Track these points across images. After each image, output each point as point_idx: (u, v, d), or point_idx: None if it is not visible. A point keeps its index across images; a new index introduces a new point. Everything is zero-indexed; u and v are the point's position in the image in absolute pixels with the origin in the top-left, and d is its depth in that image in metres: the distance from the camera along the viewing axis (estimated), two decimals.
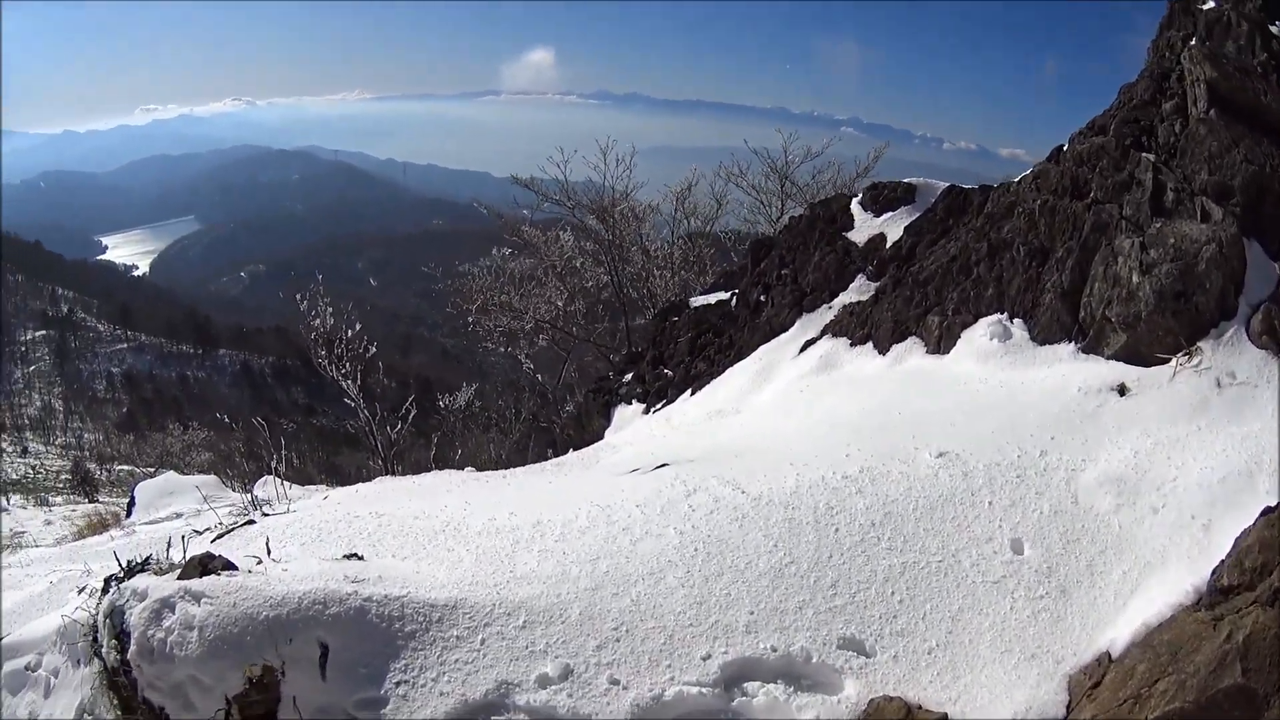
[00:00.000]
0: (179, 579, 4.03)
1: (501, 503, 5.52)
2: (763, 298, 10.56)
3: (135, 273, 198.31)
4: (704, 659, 3.67)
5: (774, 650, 3.72)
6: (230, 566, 4.16)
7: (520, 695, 3.45)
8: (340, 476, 17.59)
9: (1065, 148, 7.27)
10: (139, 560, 4.60)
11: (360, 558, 4.41)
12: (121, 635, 4.00)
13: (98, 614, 4.25)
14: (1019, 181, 7.50)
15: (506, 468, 9.24)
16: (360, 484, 8.59)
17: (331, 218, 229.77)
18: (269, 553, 4.48)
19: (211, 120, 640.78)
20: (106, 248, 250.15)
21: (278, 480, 9.38)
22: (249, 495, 9.82)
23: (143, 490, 14.50)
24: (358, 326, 13.34)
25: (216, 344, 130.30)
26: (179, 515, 9.97)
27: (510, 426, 18.46)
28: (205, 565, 4.12)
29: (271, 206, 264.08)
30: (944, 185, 9.51)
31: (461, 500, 5.78)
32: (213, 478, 15.03)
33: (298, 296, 13.08)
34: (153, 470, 36.75)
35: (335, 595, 3.73)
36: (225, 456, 24.80)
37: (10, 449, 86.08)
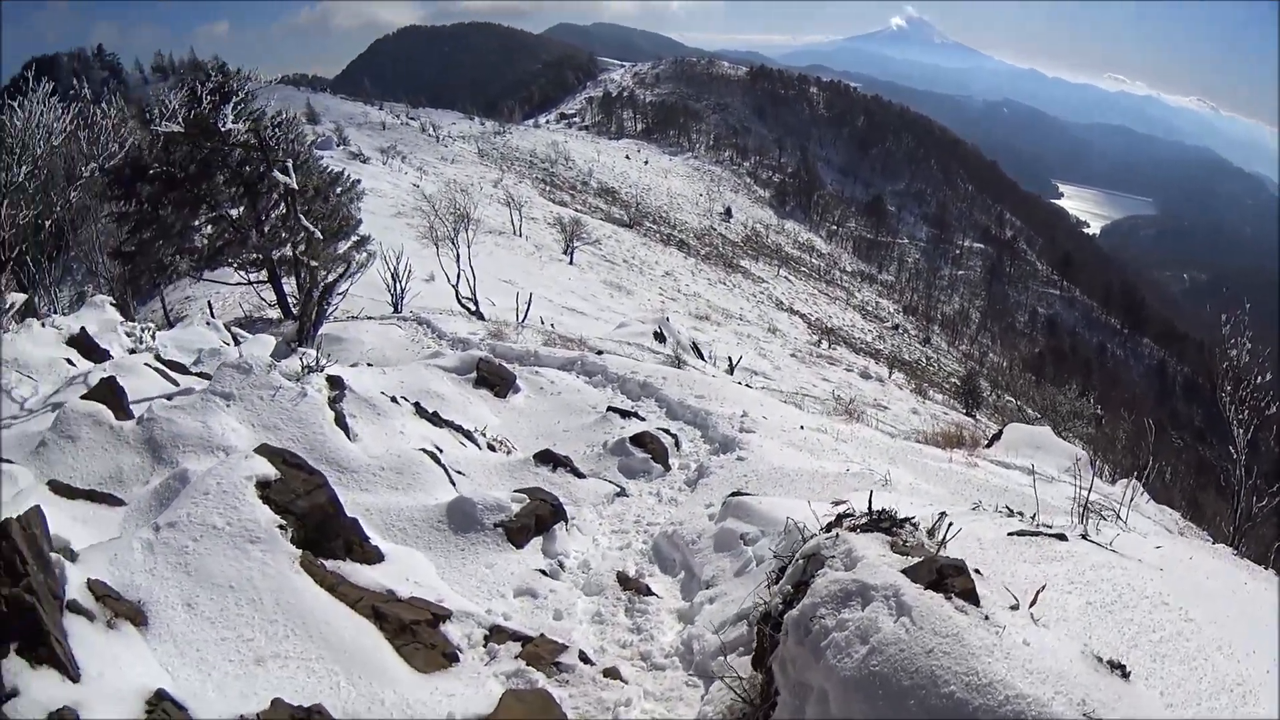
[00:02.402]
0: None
1: None
2: None
3: (1085, 229, 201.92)
4: None
5: None
6: None
7: None
8: (1196, 518, 16.44)
9: None
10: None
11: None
12: None
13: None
14: None
15: None
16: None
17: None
18: None
19: (1176, 112, 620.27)
20: (1062, 194, 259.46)
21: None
22: (1124, 491, 9.27)
23: (1012, 430, 15.22)
24: (1268, 376, 12.14)
25: (1142, 331, 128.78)
26: (1031, 471, 10.48)
27: None
28: None
29: (1223, 220, 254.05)
30: None
31: None
32: (1084, 453, 14.92)
33: (1222, 317, 12.46)
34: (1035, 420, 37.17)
35: None
36: (1108, 439, 24.74)
37: (913, 334, 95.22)
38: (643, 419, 12.48)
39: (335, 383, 9.96)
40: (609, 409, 12.64)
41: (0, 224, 18.36)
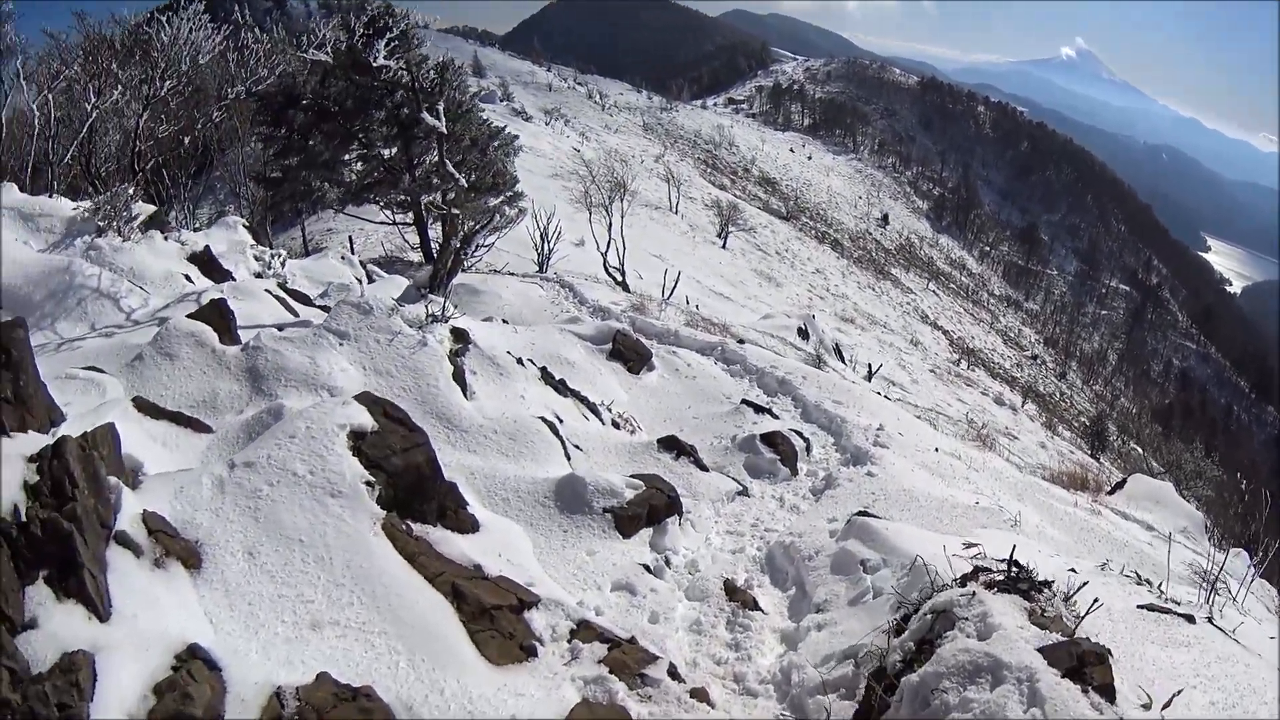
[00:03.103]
0: None
1: None
2: None
3: (1227, 287, 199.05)
4: None
5: None
6: None
7: None
8: None
9: None
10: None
11: None
12: None
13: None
14: None
15: None
16: None
17: None
18: None
19: None
20: (1209, 248, 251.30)
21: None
22: (1234, 561, 8.79)
23: (1135, 481, 14.51)
24: None
25: (1269, 399, 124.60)
26: (1166, 537, 10.07)
27: None
28: None
29: None
30: None
31: None
32: (1200, 515, 14.23)
33: None
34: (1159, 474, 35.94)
35: None
36: (1224, 503, 23.45)
37: (1050, 366, 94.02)
38: (776, 417, 11.94)
39: (460, 335, 9.55)
40: (743, 401, 12.16)
41: (138, 135, 18.75)
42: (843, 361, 28.43)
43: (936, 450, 12.35)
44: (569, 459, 8.07)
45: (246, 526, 5.00)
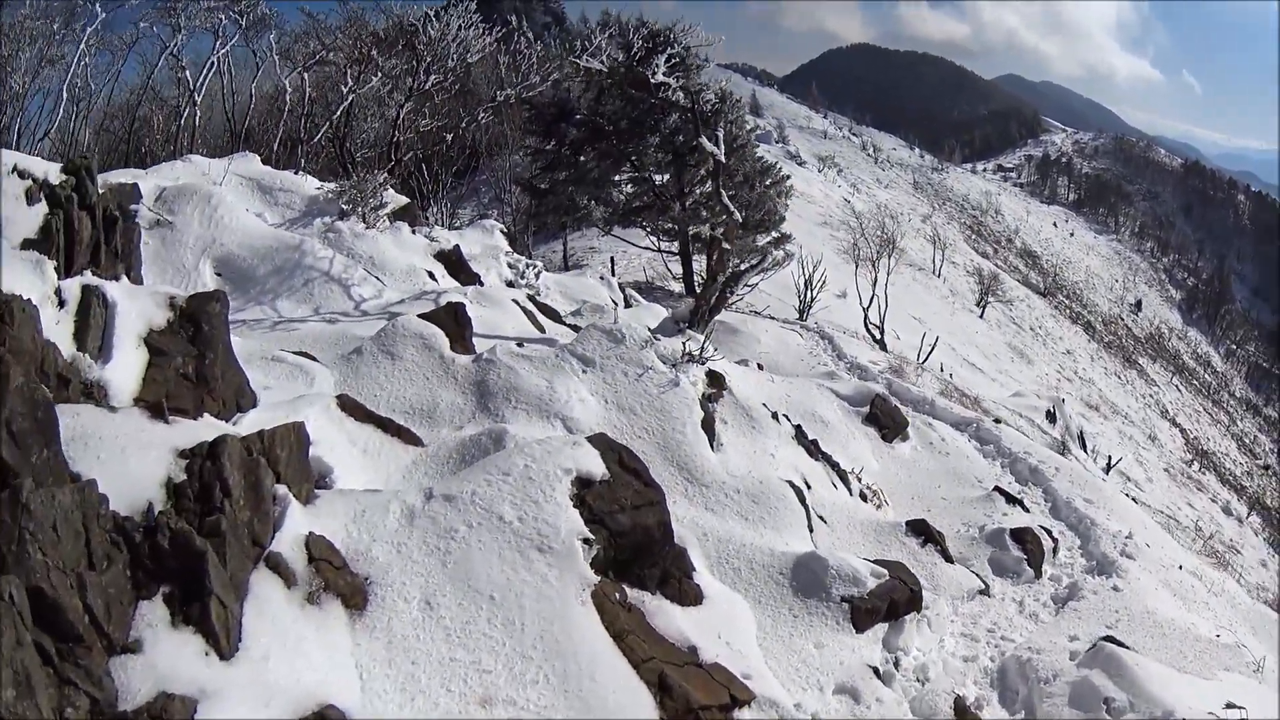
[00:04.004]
0: None
1: None
2: None
3: None
4: None
5: None
6: None
7: None
8: None
9: None
10: None
11: None
12: None
13: None
14: None
15: None
16: None
17: None
18: None
19: None
20: None
21: None
22: None
23: None
24: None
25: None
26: None
27: None
28: None
29: None
30: None
31: None
32: None
33: None
34: None
35: None
36: None
37: (1210, 424, 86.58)
38: (1027, 509, 11.36)
39: (715, 379, 8.78)
40: (995, 489, 11.58)
41: (398, 125, 19.00)
42: (1085, 451, 27.17)
43: (1181, 569, 11.39)
44: (811, 531, 7.49)
45: (431, 570, 4.29)
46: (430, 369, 7.18)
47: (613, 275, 20.51)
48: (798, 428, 9.76)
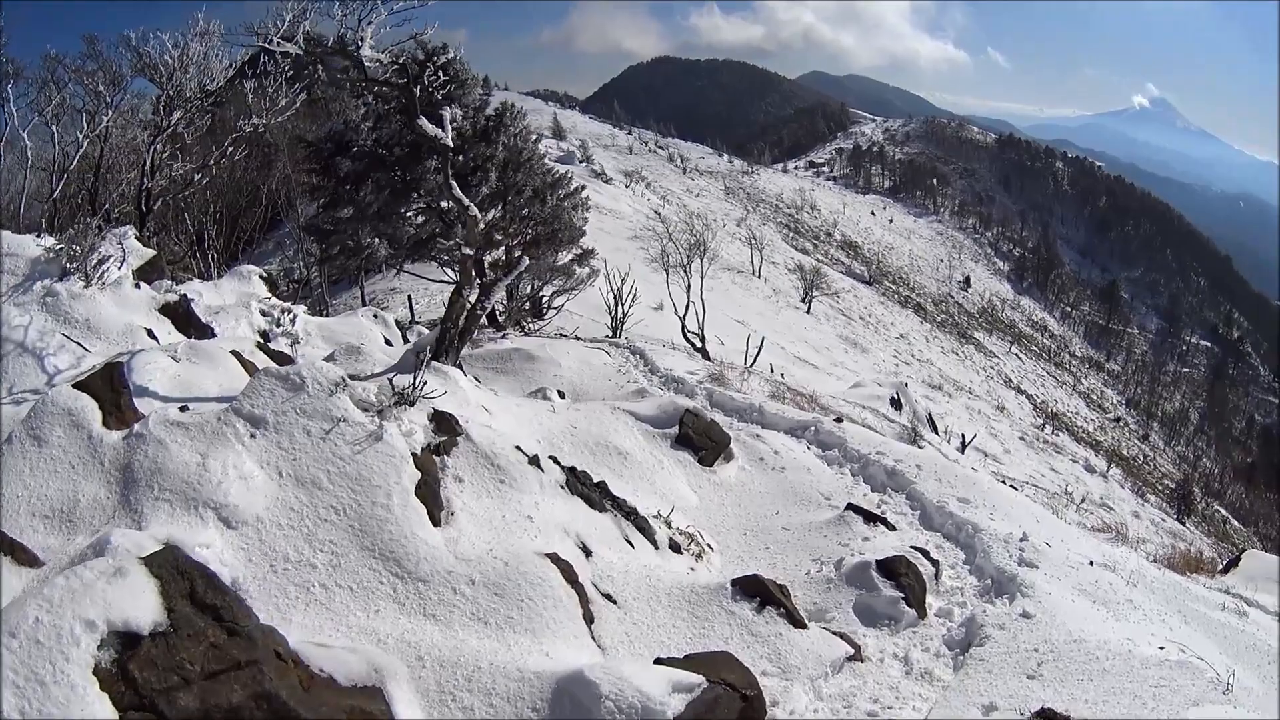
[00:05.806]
0: None
1: None
2: None
3: None
4: None
5: None
6: None
7: None
8: None
9: None
10: None
11: None
12: None
13: None
14: None
15: None
16: None
17: None
18: None
19: None
20: None
21: None
22: None
23: (1250, 559, 13.26)
24: None
25: None
26: None
27: None
28: None
29: None
30: None
31: None
32: None
33: None
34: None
35: None
36: None
37: (1133, 428, 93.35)
38: (892, 526, 9.30)
39: (444, 424, 6.65)
40: (849, 507, 9.38)
41: (146, 171, 17.01)
42: (936, 433, 27.02)
43: (1091, 564, 9.55)
44: (591, 622, 5.45)
45: None
46: (76, 454, 5.25)
47: (412, 314, 18.59)
48: (571, 471, 7.66)
